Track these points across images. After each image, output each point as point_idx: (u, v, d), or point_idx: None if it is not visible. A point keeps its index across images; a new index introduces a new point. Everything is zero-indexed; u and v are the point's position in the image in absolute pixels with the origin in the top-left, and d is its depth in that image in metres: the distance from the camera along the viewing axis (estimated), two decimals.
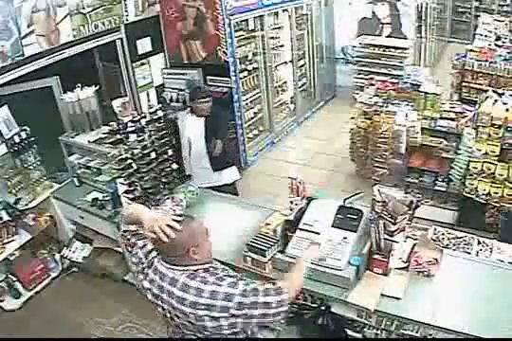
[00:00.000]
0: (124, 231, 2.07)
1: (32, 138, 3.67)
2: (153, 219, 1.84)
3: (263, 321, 1.80)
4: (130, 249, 2.02)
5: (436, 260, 2.46)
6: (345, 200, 2.67)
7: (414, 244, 2.49)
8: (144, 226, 1.86)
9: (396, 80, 4.98)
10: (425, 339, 2.28)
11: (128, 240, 2.02)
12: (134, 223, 1.99)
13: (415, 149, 4.35)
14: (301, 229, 2.53)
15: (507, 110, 3.68)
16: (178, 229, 1.77)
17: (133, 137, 3.42)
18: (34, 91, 4.08)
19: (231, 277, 1.85)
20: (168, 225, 1.77)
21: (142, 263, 1.92)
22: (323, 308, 2.42)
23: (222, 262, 2.05)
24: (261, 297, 1.75)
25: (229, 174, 4.04)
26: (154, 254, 1.91)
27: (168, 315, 1.86)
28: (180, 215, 1.89)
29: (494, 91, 3.99)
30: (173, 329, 1.95)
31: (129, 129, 3.40)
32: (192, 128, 3.82)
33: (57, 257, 4.04)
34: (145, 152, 3.47)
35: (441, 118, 4.19)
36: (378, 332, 2.40)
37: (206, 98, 3.76)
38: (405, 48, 6.68)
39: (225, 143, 3.78)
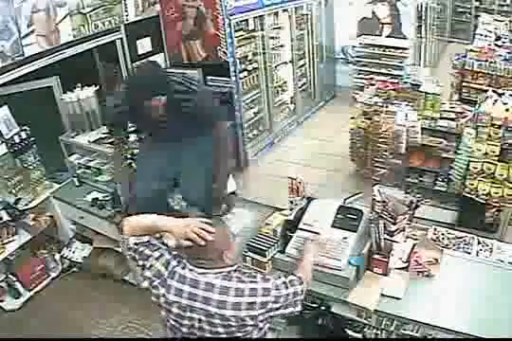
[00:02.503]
0: (135, 244, 1.92)
1: (32, 138, 3.67)
2: (181, 225, 1.78)
3: (285, 312, 1.86)
4: (143, 262, 1.86)
5: (436, 260, 2.46)
6: (345, 200, 2.67)
7: (414, 244, 2.49)
8: (175, 234, 1.80)
9: (396, 80, 4.98)
10: (425, 339, 2.28)
11: (140, 253, 1.88)
12: (149, 233, 1.91)
13: (415, 149, 4.35)
14: (301, 229, 2.53)
15: (507, 110, 3.68)
16: (213, 232, 1.74)
17: (133, 137, 3.43)
18: (34, 91, 4.07)
19: (257, 273, 1.93)
20: (201, 229, 1.74)
21: (162, 275, 1.80)
22: (323, 308, 2.42)
23: None
24: (290, 289, 1.84)
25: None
26: (174, 263, 1.81)
27: (196, 325, 1.78)
28: (206, 217, 1.86)
29: (494, 91, 3.99)
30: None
31: (129, 129, 3.40)
32: None
33: (57, 257, 4.04)
34: None
35: (441, 118, 4.19)
36: (378, 332, 2.40)
37: None
38: (405, 48, 6.68)
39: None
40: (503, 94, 3.89)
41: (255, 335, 1.81)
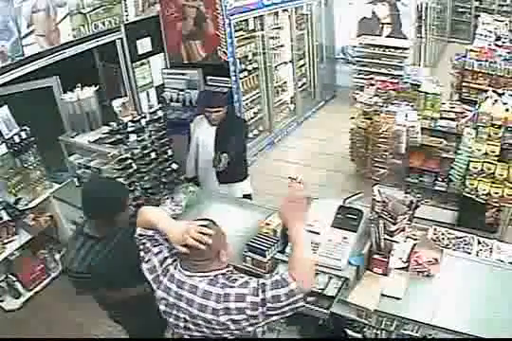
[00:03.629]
0: (140, 235, 1.95)
1: (32, 138, 3.66)
2: (181, 231, 1.75)
3: (281, 315, 1.71)
4: (143, 255, 1.90)
5: (436, 260, 2.46)
6: (345, 200, 2.67)
7: (414, 244, 2.48)
8: (171, 239, 1.78)
9: (396, 80, 4.98)
10: (425, 339, 2.28)
11: (143, 244, 1.92)
12: (151, 229, 1.92)
13: (415, 149, 4.35)
14: None
15: (507, 110, 3.68)
16: (212, 233, 1.73)
17: (133, 137, 3.43)
18: (34, 91, 4.07)
19: (244, 277, 1.80)
20: (200, 232, 1.72)
21: (156, 271, 1.84)
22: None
23: None
24: (268, 292, 1.66)
25: (240, 188, 3.81)
26: (169, 261, 1.84)
27: (181, 325, 1.80)
28: (200, 220, 1.85)
29: (494, 91, 3.99)
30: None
31: (129, 129, 3.41)
32: (203, 134, 3.60)
33: (57, 257, 4.03)
34: (145, 152, 3.48)
35: (441, 118, 4.19)
36: (378, 332, 2.40)
37: (214, 108, 3.45)
38: (405, 48, 6.69)
39: (233, 157, 3.35)
40: (503, 94, 3.89)
41: (251, 336, 1.81)
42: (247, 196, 3.88)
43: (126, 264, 2.04)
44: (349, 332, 2.45)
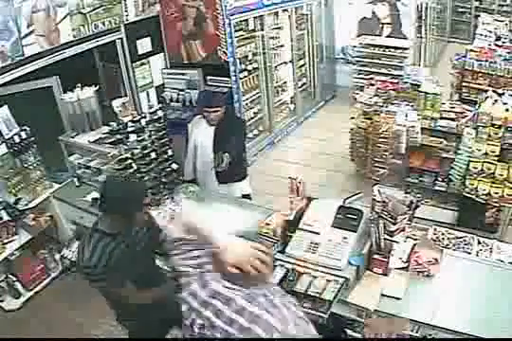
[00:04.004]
0: (178, 239, 1.78)
1: (32, 138, 3.67)
2: (241, 255, 1.57)
3: None
4: (177, 252, 1.77)
5: (436, 259, 2.46)
6: (345, 200, 2.67)
7: (414, 244, 2.49)
8: (228, 258, 1.57)
9: (396, 80, 4.98)
10: (425, 339, 2.28)
11: (179, 246, 1.77)
12: (193, 234, 1.75)
13: (415, 149, 4.35)
14: (301, 229, 2.53)
15: (507, 110, 3.69)
16: (270, 264, 1.58)
17: (133, 137, 3.43)
18: (34, 91, 4.07)
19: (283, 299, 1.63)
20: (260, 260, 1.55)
21: (188, 274, 1.72)
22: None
23: None
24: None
25: (239, 188, 3.83)
26: (207, 267, 1.71)
27: (196, 330, 1.67)
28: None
29: (494, 91, 3.99)
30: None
31: (129, 129, 3.41)
32: (201, 134, 3.61)
33: (57, 257, 4.04)
34: (145, 152, 3.48)
35: (441, 118, 4.19)
36: None
37: (213, 108, 3.48)
38: (405, 48, 6.69)
39: (234, 157, 3.37)
40: (503, 94, 3.89)
41: None
42: (247, 196, 3.89)
43: (141, 262, 1.99)
44: (349, 331, 2.45)
